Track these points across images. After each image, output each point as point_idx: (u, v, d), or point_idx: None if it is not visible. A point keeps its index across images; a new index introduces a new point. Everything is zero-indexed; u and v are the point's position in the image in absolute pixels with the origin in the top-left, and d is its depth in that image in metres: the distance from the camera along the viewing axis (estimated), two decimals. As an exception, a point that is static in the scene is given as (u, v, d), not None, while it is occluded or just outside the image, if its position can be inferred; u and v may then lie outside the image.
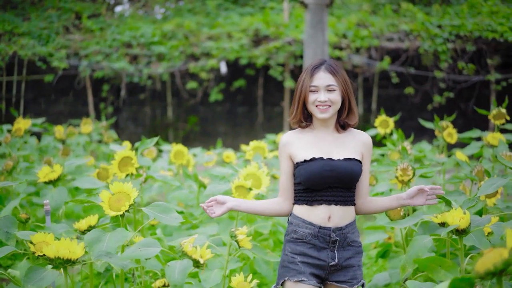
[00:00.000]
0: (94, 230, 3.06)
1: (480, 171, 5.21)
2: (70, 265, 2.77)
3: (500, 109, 6.28)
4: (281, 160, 3.36)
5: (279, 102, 14.80)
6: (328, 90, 3.24)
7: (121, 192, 3.17)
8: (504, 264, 1.91)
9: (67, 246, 2.76)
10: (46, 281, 2.68)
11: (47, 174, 4.51)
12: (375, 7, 15.93)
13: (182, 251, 2.80)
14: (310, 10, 10.74)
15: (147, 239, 2.89)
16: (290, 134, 3.36)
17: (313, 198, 3.23)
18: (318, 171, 3.19)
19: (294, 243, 3.22)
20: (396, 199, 3.35)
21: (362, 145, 3.35)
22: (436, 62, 13.92)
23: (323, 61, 3.32)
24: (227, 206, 3.24)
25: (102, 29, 14.59)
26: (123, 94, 14.50)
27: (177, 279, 2.65)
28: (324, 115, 3.24)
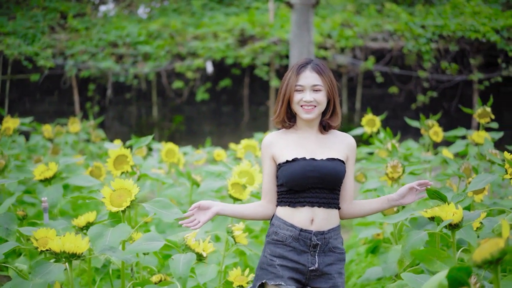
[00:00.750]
0: (96, 226, 3.13)
1: (468, 168, 5.33)
2: (75, 259, 2.85)
3: (485, 108, 6.40)
4: (263, 161, 3.28)
5: (265, 102, 14.90)
6: (314, 90, 3.17)
7: (122, 188, 3.24)
8: (501, 253, 2.01)
9: (73, 240, 2.83)
10: (53, 274, 2.75)
11: (42, 172, 4.56)
12: (359, 7, 16.06)
13: (186, 245, 2.87)
14: (296, 10, 10.84)
15: (150, 234, 2.97)
16: (273, 135, 3.29)
17: (296, 200, 3.15)
18: (300, 171, 3.13)
19: (274, 245, 3.15)
20: (387, 201, 3.29)
21: (346, 147, 3.28)
22: (419, 62, 14.08)
23: (309, 60, 3.25)
24: (212, 211, 3.09)
25: (88, 28, 14.61)
26: (109, 94, 14.52)
27: (182, 272, 2.72)
28: (309, 116, 3.17)
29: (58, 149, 7.68)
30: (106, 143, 4.80)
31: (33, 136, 8.68)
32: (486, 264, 2.05)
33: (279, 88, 3.27)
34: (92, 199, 3.39)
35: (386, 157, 5.85)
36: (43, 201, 4.04)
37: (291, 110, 3.25)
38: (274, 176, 3.24)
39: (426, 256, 2.48)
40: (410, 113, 14.15)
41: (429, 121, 7.33)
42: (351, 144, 3.30)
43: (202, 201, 3.10)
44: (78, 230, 3.85)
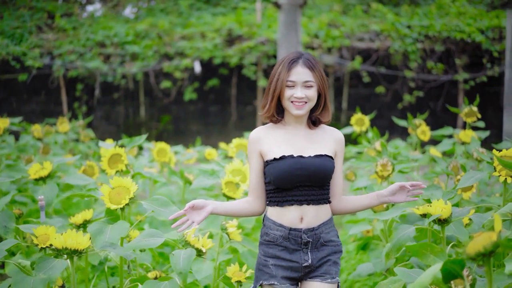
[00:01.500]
0: (96, 223, 3.19)
1: (456, 166, 5.44)
2: (76, 255, 2.91)
3: (471, 107, 6.51)
4: (250, 157, 3.21)
5: (252, 101, 14.97)
6: (306, 87, 3.11)
7: (121, 186, 3.30)
8: (493, 246, 2.10)
9: (74, 237, 2.89)
10: (56, 270, 2.81)
11: (37, 171, 4.60)
12: (345, 8, 16.17)
13: (185, 241, 2.93)
14: (284, 11, 10.91)
15: (150, 230, 3.03)
16: (261, 130, 3.22)
17: (284, 199, 3.11)
18: (287, 170, 3.07)
19: (267, 246, 3.13)
20: (376, 196, 3.24)
21: (334, 142, 3.23)
22: (406, 61, 14.20)
23: (300, 54, 3.18)
24: (207, 210, 3.05)
25: (75, 28, 14.61)
26: (97, 94, 14.54)
27: (182, 267, 2.77)
28: (299, 112, 3.11)
29: (48, 149, 7.71)
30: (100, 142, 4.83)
31: (22, 136, 8.70)
32: (479, 257, 2.13)
33: (268, 82, 3.19)
34: (91, 197, 3.45)
35: (375, 156, 5.94)
36: (40, 200, 4.09)
37: (280, 105, 3.19)
38: (261, 172, 3.19)
39: (420, 250, 2.56)
40: (397, 113, 14.27)
41: (416, 120, 7.44)
42: (340, 139, 3.26)
43: (196, 201, 3.06)
44: (75, 227, 3.90)
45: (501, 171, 3.46)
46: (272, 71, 3.19)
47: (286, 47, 10.91)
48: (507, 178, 3.48)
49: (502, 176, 3.48)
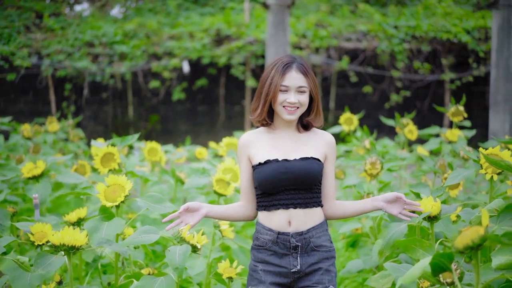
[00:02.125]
0: (92, 220, 3.25)
1: (443, 164, 5.54)
2: (74, 251, 2.96)
3: (458, 107, 6.61)
4: (240, 162, 3.21)
5: (240, 101, 15.04)
6: (299, 92, 3.10)
7: (116, 184, 3.36)
8: (481, 240, 2.18)
9: (71, 234, 2.95)
10: (54, 265, 2.87)
11: (30, 170, 4.65)
12: (332, 8, 16.26)
13: (181, 238, 2.99)
14: (272, 11, 10.97)
15: (146, 227, 3.09)
16: (250, 135, 3.20)
17: (270, 203, 3.09)
18: (271, 174, 3.06)
19: (257, 251, 3.12)
20: (371, 201, 3.20)
21: (325, 145, 3.21)
22: (393, 61, 14.32)
23: (293, 58, 3.15)
24: (201, 214, 3.07)
25: (63, 28, 14.62)
26: (86, 93, 14.56)
27: (178, 263, 2.83)
28: (291, 117, 3.10)
29: (39, 148, 7.74)
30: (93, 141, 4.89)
31: (12, 135, 8.72)
32: (467, 250, 2.22)
33: (259, 85, 3.18)
34: (87, 195, 3.51)
35: (364, 155, 6.03)
36: (34, 198, 4.14)
37: (270, 108, 3.16)
38: (251, 177, 3.17)
39: (409, 245, 2.64)
40: (384, 112, 14.39)
41: (404, 119, 7.53)
42: (330, 142, 3.22)
43: (191, 203, 3.08)
44: (69, 225, 3.95)
45: (487, 169, 3.54)
46: (263, 74, 3.18)
47: (275, 47, 10.98)
48: (493, 175, 3.56)
49: (489, 173, 3.56)
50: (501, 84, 11.30)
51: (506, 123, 11.31)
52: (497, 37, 11.29)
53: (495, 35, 11.35)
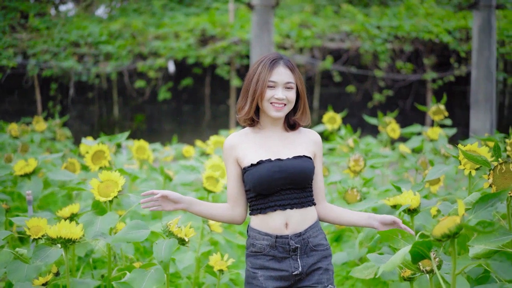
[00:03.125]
0: (86, 214, 3.37)
1: (424, 162, 5.71)
2: (70, 244, 3.08)
3: (439, 106, 6.78)
4: (227, 165, 3.11)
5: (225, 101, 15.15)
6: (286, 88, 3.04)
7: (109, 180, 3.48)
8: (457, 228, 2.33)
9: (68, 227, 3.07)
10: (52, 257, 2.99)
11: (22, 168, 4.75)
12: (316, 8, 16.41)
13: (169, 231, 3.08)
14: (257, 12, 11.09)
15: (136, 222, 3.20)
16: (236, 136, 3.12)
17: (266, 205, 3.02)
18: (266, 174, 2.99)
19: (254, 257, 3.04)
20: (368, 218, 3.15)
21: (313, 144, 3.17)
22: (375, 61, 14.48)
23: (279, 55, 3.09)
24: (179, 207, 3.05)
25: (49, 28, 14.65)
26: (72, 93, 14.61)
27: (164, 256, 2.92)
28: (278, 114, 3.04)
29: (27, 147, 7.82)
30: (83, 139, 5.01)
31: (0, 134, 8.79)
32: (444, 238, 2.37)
33: (245, 83, 3.12)
34: (81, 190, 3.62)
35: (348, 152, 6.18)
36: (28, 194, 4.25)
37: (257, 107, 3.10)
38: (239, 180, 3.10)
39: (390, 235, 2.77)
40: (367, 111, 14.55)
41: (386, 118, 7.70)
42: (317, 141, 3.19)
43: (171, 193, 3.02)
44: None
45: (465, 165, 3.68)
46: (249, 72, 3.12)
47: (259, 47, 11.10)
48: (471, 171, 3.70)
49: (467, 169, 3.71)
50: (482, 84, 11.49)
51: (487, 122, 11.51)
52: (478, 37, 11.49)
53: (475, 35, 11.55)
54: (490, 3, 11.26)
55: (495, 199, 2.46)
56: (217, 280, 3.81)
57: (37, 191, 4.58)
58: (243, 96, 3.11)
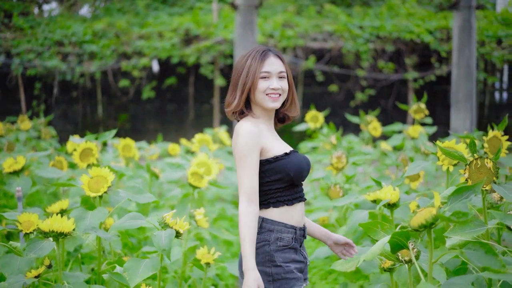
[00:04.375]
0: (77, 209, 3.46)
1: (405, 159, 5.86)
2: (62, 237, 3.18)
3: (420, 104, 6.93)
4: (251, 155, 2.89)
5: (209, 100, 15.25)
6: (280, 77, 3.00)
7: (99, 176, 3.58)
8: (434, 219, 2.46)
9: (60, 221, 3.17)
10: (45, 250, 3.08)
11: (11, 165, 4.83)
12: (299, 8, 16.53)
13: (165, 223, 3.20)
14: (240, 11, 11.20)
15: (132, 214, 3.31)
16: (257, 125, 2.97)
17: (293, 196, 2.98)
18: (304, 163, 2.99)
19: (282, 252, 2.92)
20: (325, 234, 3.21)
21: None
22: (358, 61, 14.64)
23: (267, 47, 3.05)
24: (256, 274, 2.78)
25: (32, 27, 14.68)
26: (56, 92, 14.65)
27: (164, 245, 3.04)
28: (275, 104, 2.99)
29: (13, 146, 7.88)
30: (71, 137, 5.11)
31: (-15, 133, 8.83)
32: (422, 228, 2.50)
33: (234, 77, 3.05)
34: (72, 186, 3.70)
35: (331, 150, 6.31)
36: (18, 191, 4.33)
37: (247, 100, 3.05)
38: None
39: (371, 227, 2.89)
40: (349, 110, 14.71)
41: (368, 117, 7.84)
42: None
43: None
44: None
45: (444, 160, 3.82)
46: (237, 66, 3.05)
47: (243, 47, 11.21)
48: (449, 166, 3.84)
49: (445, 165, 3.84)
50: (462, 83, 11.69)
51: (467, 121, 11.71)
52: (458, 37, 11.67)
53: (456, 35, 11.74)
54: (470, 4, 11.45)
55: (469, 192, 2.59)
56: (204, 273, 3.92)
57: (26, 188, 4.66)
58: (232, 90, 3.05)
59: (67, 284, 3.12)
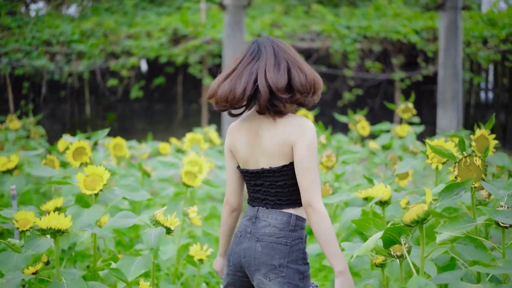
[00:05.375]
0: (73, 207, 3.51)
1: (393, 157, 5.94)
2: (59, 235, 3.23)
3: (407, 104, 7.02)
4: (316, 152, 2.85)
5: (197, 100, 15.29)
6: None
7: (95, 174, 3.63)
8: (425, 214, 2.54)
9: (57, 218, 3.21)
10: (43, 246, 3.13)
11: (4, 164, 4.87)
12: (286, 8, 16.60)
13: (156, 220, 3.25)
14: (229, 12, 11.26)
15: (124, 212, 3.36)
16: None
17: None
18: None
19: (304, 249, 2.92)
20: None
21: None
22: (345, 61, 14.73)
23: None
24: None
25: (20, 27, 14.66)
26: (44, 92, 14.64)
27: (153, 243, 3.09)
28: None
29: (3, 145, 7.91)
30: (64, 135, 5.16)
31: (-26, 133, 8.85)
32: (414, 224, 2.57)
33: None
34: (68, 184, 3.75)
35: (320, 148, 6.39)
36: (12, 189, 4.37)
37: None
38: None
39: (364, 223, 2.96)
40: (337, 110, 14.80)
41: (356, 116, 7.93)
42: None
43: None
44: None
45: (433, 159, 3.90)
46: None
47: (231, 47, 11.27)
48: (438, 165, 3.92)
49: (434, 163, 3.92)
50: (449, 83, 11.81)
51: (454, 120, 11.83)
52: (445, 38, 11.79)
53: (442, 36, 11.86)
54: (456, 5, 11.56)
55: (459, 188, 2.66)
56: (198, 269, 3.98)
57: (20, 186, 4.70)
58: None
59: (65, 280, 3.17)
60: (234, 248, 2.94)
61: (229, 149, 2.96)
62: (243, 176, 2.98)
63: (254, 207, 2.94)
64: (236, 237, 2.95)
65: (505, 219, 2.72)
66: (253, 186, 2.94)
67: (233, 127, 2.96)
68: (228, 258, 2.97)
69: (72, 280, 3.18)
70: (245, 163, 2.93)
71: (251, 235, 2.89)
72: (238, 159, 2.95)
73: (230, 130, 2.97)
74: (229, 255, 2.97)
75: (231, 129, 2.96)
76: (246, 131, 2.91)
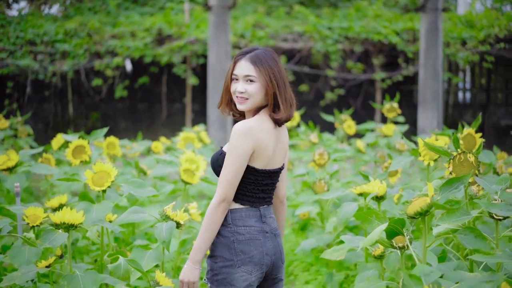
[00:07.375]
0: (82, 202, 3.62)
1: (382, 155, 6.13)
2: (72, 229, 3.35)
3: (392, 104, 7.22)
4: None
5: (181, 99, 15.40)
6: (246, 81, 3.00)
7: (102, 171, 3.75)
8: (428, 207, 2.70)
9: (70, 213, 3.33)
10: (58, 240, 3.25)
11: (4, 162, 4.97)
12: (269, 9, 16.76)
13: (166, 215, 3.39)
14: (214, 12, 11.39)
15: (133, 208, 3.49)
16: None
17: None
18: None
19: None
20: None
21: None
22: (327, 61, 14.91)
23: (252, 49, 3.05)
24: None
25: (3, 26, 14.66)
26: (29, 91, 14.65)
27: (165, 236, 3.24)
28: (241, 107, 3.01)
29: (-8, 144, 7.98)
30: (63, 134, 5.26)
31: (-41, 132, 8.88)
32: (417, 216, 2.74)
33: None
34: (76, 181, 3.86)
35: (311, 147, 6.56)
36: (16, 187, 4.47)
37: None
38: None
39: (366, 216, 3.11)
40: (319, 110, 14.99)
41: (342, 115, 8.11)
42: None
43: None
44: (52, 211, 4.30)
45: (425, 156, 4.08)
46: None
47: (216, 47, 11.41)
48: (430, 162, 4.10)
49: (426, 160, 4.10)
50: (429, 83, 12.05)
51: (434, 120, 12.08)
52: (425, 39, 12.03)
53: (423, 37, 12.09)
54: (436, 6, 11.80)
55: (458, 183, 2.84)
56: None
57: (21, 183, 4.81)
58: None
59: (78, 272, 3.29)
60: (263, 252, 3.02)
61: (252, 149, 2.97)
62: (257, 177, 3.03)
63: (255, 207, 3.07)
64: (258, 240, 3.02)
65: (500, 211, 2.90)
66: (263, 186, 3.06)
67: (254, 129, 2.97)
68: (259, 262, 3.01)
69: (85, 272, 3.30)
70: (268, 163, 3.05)
71: (270, 234, 3.08)
72: (261, 159, 3.02)
73: (251, 131, 2.96)
74: (259, 258, 3.01)
75: (253, 131, 2.96)
76: (271, 132, 3.04)
